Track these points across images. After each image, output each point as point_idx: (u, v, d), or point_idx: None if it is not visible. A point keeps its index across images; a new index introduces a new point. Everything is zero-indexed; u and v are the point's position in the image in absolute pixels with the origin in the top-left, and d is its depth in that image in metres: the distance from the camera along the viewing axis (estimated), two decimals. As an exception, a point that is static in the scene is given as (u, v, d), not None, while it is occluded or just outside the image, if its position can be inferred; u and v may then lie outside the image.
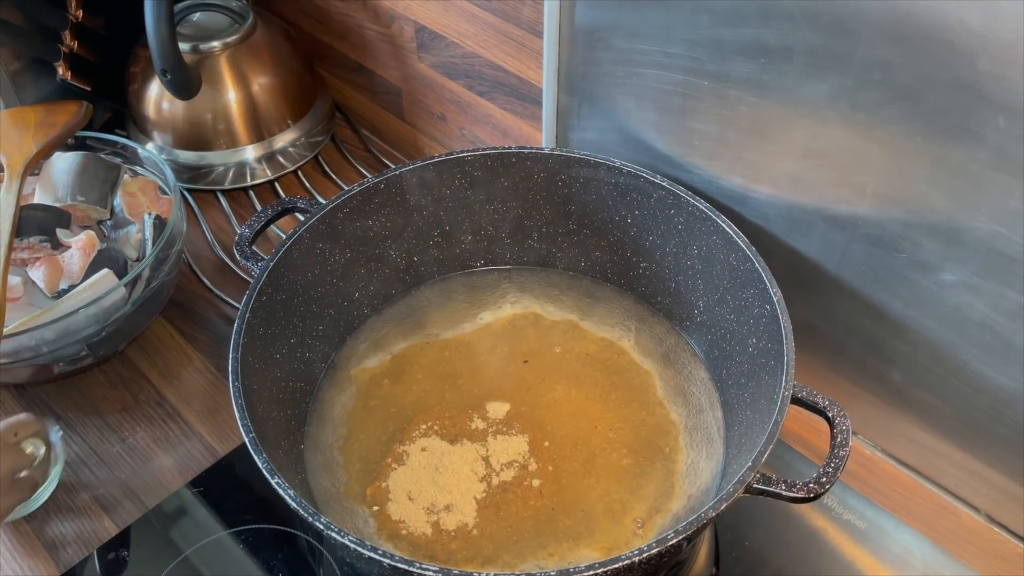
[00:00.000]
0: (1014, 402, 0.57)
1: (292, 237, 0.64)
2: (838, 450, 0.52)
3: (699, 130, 0.64)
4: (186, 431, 0.72)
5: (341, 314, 0.70)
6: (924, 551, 0.64)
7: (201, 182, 0.92)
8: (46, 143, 0.78)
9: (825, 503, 0.67)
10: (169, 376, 0.76)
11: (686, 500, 0.59)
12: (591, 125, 0.72)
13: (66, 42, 0.88)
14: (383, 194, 0.68)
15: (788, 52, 0.54)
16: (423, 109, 0.92)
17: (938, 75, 0.48)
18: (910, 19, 0.48)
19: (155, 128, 0.91)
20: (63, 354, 0.70)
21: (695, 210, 0.64)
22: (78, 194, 0.77)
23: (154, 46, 0.78)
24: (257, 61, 0.90)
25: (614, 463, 0.62)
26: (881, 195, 0.56)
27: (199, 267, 0.86)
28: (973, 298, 0.55)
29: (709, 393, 0.66)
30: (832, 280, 0.62)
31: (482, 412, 0.65)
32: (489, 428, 0.64)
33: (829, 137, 0.56)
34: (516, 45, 0.75)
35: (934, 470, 0.66)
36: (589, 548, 0.57)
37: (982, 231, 0.51)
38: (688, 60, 0.60)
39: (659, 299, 0.71)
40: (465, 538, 0.58)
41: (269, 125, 0.93)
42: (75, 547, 0.65)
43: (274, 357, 0.62)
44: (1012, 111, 0.46)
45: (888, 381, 0.64)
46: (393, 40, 0.89)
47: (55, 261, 0.72)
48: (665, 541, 0.46)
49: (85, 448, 0.71)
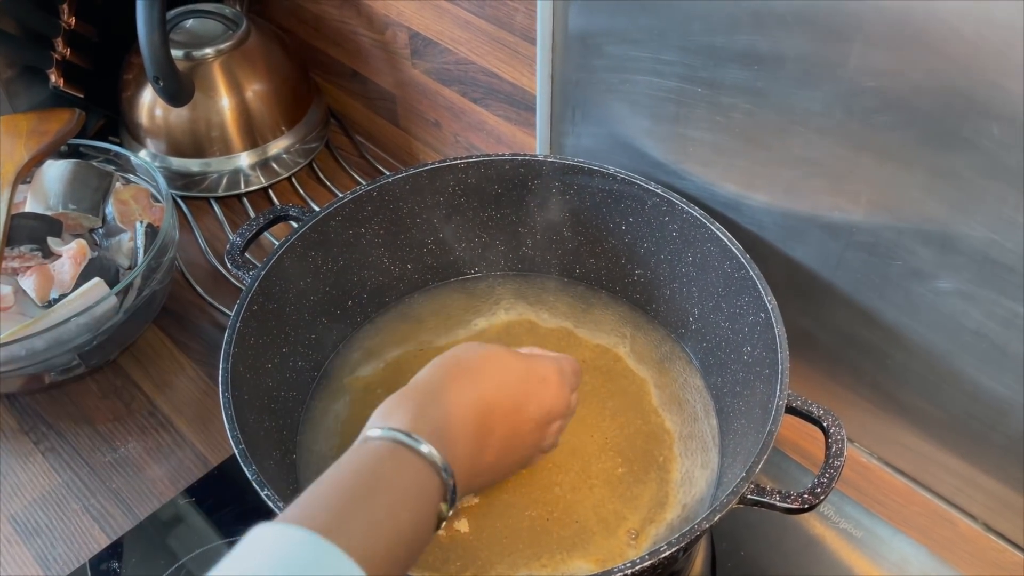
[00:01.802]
0: (1010, 410, 0.56)
1: (284, 246, 0.63)
2: (833, 460, 0.52)
3: (693, 137, 0.63)
4: (179, 440, 0.72)
5: (334, 322, 0.69)
6: (921, 559, 0.64)
7: (195, 189, 0.92)
8: (38, 151, 0.78)
9: (822, 512, 0.66)
10: (161, 385, 0.76)
11: (681, 509, 0.59)
12: (585, 132, 0.72)
13: (59, 49, 0.87)
14: (376, 202, 0.68)
15: (781, 59, 0.54)
16: (417, 116, 0.92)
17: (931, 83, 0.48)
18: (903, 27, 0.47)
19: (148, 135, 0.91)
20: (54, 363, 0.69)
21: (689, 217, 0.64)
22: (70, 202, 0.76)
23: (146, 53, 0.77)
24: (251, 68, 0.90)
25: (609, 472, 0.61)
26: (875, 203, 0.55)
27: (192, 275, 0.85)
28: (968, 306, 0.54)
29: (704, 401, 0.65)
30: (827, 288, 0.62)
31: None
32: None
33: (823, 145, 0.55)
34: (510, 52, 0.75)
35: (930, 478, 0.65)
36: (583, 559, 0.57)
37: (976, 239, 0.51)
38: (681, 67, 0.60)
39: (654, 306, 0.71)
40: (459, 548, 0.57)
41: (263, 132, 0.92)
42: (67, 558, 0.65)
43: (266, 367, 0.61)
44: (1005, 119, 0.46)
45: (884, 389, 0.63)
46: (387, 47, 0.89)
47: (46, 270, 0.72)
48: (658, 553, 0.45)
49: (76, 458, 0.71)
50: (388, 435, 0.42)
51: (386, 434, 0.42)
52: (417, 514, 0.40)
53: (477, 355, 0.50)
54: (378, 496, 0.39)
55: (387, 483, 0.40)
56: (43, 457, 0.71)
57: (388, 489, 0.40)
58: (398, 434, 0.42)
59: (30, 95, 0.91)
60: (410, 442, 0.42)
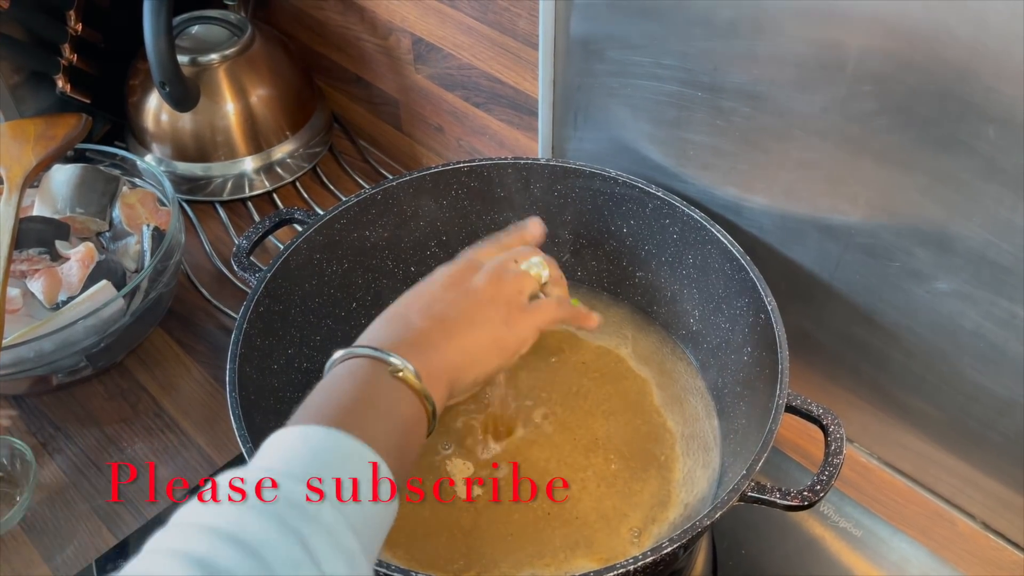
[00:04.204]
0: (1008, 410, 0.57)
1: (289, 248, 0.64)
2: (832, 458, 0.52)
3: (693, 141, 0.64)
4: (184, 441, 0.72)
5: (339, 324, 0.70)
6: (920, 558, 0.64)
7: (200, 193, 0.93)
8: (46, 155, 0.79)
9: (822, 511, 0.67)
10: (167, 387, 0.77)
11: (683, 508, 0.60)
12: (587, 136, 0.73)
13: (66, 55, 0.88)
14: (380, 205, 0.69)
15: (780, 63, 0.55)
16: (420, 120, 0.93)
17: (929, 87, 0.49)
18: (901, 31, 0.48)
19: (154, 140, 0.92)
20: (62, 365, 0.70)
21: (690, 220, 0.65)
22: (77, 206, 0.77)
23: (153, 59, 0.78)
24: (255, 73, 0.91)
25: (611, 472, 0.62)
26: (874, 205, 0.56)
27: (197, 278, 0.86)
28: (966, 306, 0.55)
29: (705, 402, 0.66)
30: (826, 289, 0.62)
31: (479, 421, 0.65)
32: (486, 437, 0.64)
33: (822, 148, 0.56)
34: (512, 57, 0.75)
35: (930, 478, 0.66)
36: (586, 558, 0.57)
37: (974, 240, 0.52)
38: (682, 72, 0.61)
39: (655, 308, 0.71)
40: (463, 547, 0.58)
41: (267, 137, 0.93)
42: (73, 558, 0.65)
43: (272, 367, 0.62)
44: (1002, 122, 0.47)
45: (883, 389, 0.64)
46: (390, 52, 0.90)
47: (54, 273, 0.73)
48: (660, 550, 0.46)
49: (84, 459, 0.71)
50: (350, 352, 0.45)
51: (348, 352, 0.46)
52: (404, 405, 0.43)
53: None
54: (373, 399, 0.43)
55: (372, 385, 0.43)
56: (51, 458, 0.71)
57: (376, 391, 0.43)
58: (358, 348, 0.45)
59: (37, 100, 0.92)
60: (375, 354, 0.44)
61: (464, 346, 0.47)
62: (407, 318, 0.48)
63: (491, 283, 0.51)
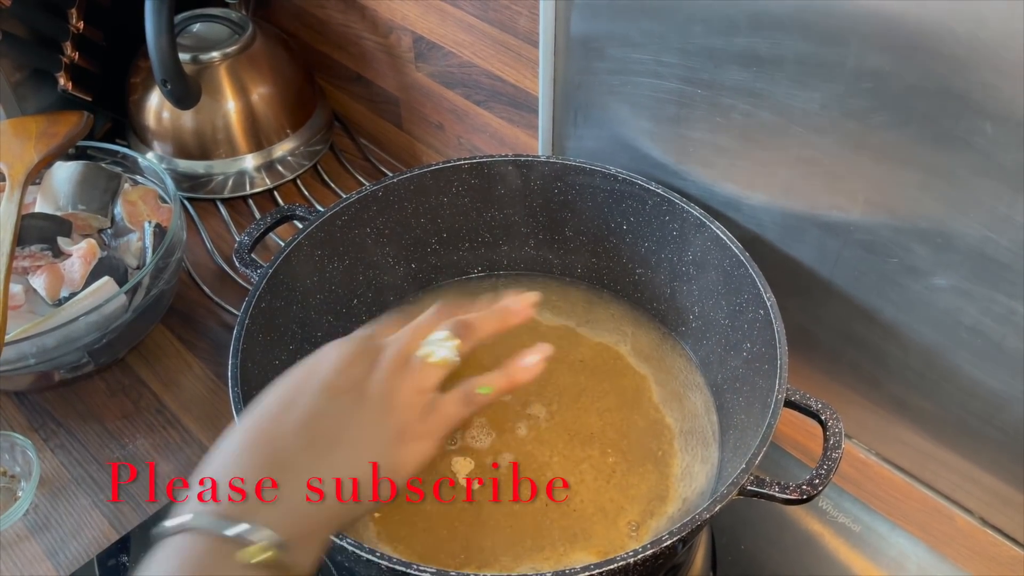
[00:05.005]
0: (1006, 405, 0.57)
1: (291, 244, 0.64)
2: (831, 452, 0.53)
3: (693, 138, 0.64)
4: (186, 438, 0.73)
5: (339, 321, 0.70)
6: (919, 554, 0.65)
7: (201, 191, 0.93)
8: (47, 153, 0.79)
9: (820, 507, 0.67)
10: (169, 383, 0.77)
11: (681, 503, 0.60)
12: (587, 133, 0.73)
13: (67, 53, 0.88)
14: (381, 202, 0.69)
15: (780, 61, 0.55)
16: (421, 118, 0.93)
17: (927, 83, 0.49)
18: (900, 28, 0.48)
19: (155, 138, 0.92)
20: (64, 361, 0.70)
21: (689, 216, 0.65)
22: (79, 203, 0.77)
23: (154, 56, 0.79)
24: (256, 71, 0.91)
25: (609, 465, 0.62)
26: (872, 201, 0.56)
27: (199, 275, 0.86)
28: (964, 302, 0.55)
29: (704, 397, 0.66)
30: (825, 285, 0.63)
31: (479, 416, 0.65)
32: (486, 432, 0.64)
33: (821, 144, 0.56)
34: (513, 55, 0.76)
35: (928, 473, 0.66)
36: (585, 551, 0.58)
37: (972, 236, 0.52)
38: (682, 69, 0.61)
39: (655, 304, 0.72)
40: (462, 540, 0.58)
41: (268, 134, 0.93)
42: (76, 553, 0.66)
43: (273, 364, 0.62)
44: (1000, 118, 0.47)
45: (881, 385, 0.64)
46: (391, 50, 0.90)
47: (56, 269, 0.73)
48: (660, 542, 0.46)
49: (85, 455, 0.72)
50: (182, 525, 0.37)
51: (181, 524, 0.37)
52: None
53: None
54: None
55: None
56: (53, 454, 0.72)
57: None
58: (196, 517, 0.37)
59: (39, 98, 0.92)
60: (218, 531, 0.36)
61: (346, 478, 0.41)
62: (276, 438, 0.41)
63: (387, 383, 0.44)
